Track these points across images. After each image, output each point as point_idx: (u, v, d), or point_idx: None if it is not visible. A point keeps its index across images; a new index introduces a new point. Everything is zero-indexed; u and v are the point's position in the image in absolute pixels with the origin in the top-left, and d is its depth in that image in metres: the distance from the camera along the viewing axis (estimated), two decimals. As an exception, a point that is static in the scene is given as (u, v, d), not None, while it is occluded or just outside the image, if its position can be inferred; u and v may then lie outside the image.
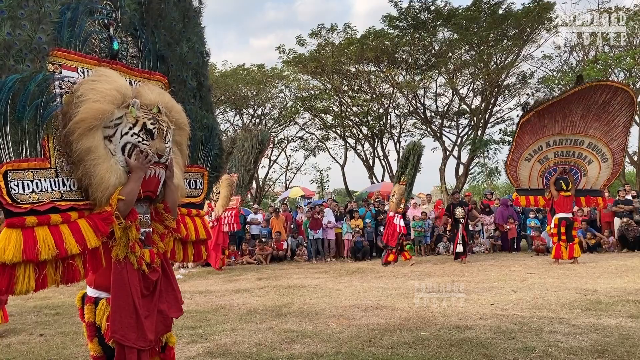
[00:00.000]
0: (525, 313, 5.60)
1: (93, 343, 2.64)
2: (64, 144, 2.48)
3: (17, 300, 8.42)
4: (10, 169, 2.23)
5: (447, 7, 21.38)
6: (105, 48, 2.74)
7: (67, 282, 2.43)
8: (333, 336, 4.86)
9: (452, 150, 25.33)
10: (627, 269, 8.96)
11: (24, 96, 2.25)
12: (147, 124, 2.59)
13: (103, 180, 2.45)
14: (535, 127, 10.58)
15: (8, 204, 2.21)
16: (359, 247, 13.14)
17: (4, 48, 2.23)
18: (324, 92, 25.03)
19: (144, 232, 2.71)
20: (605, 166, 10.40)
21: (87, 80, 2.54)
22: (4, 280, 2.20)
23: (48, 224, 2.30)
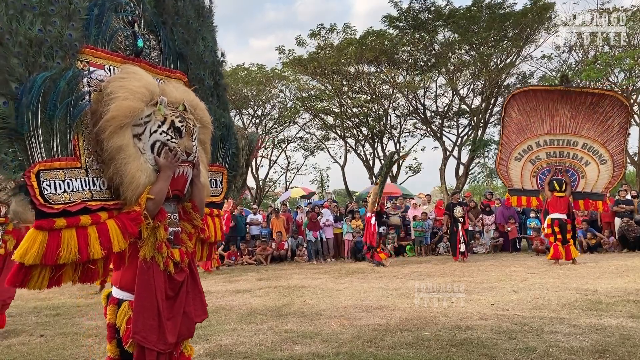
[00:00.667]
0: (526, 313, 5.60)
1: (111, 345, 2.64)
2: (94, 143, 2.45)
3: (18, 301, 8.42)
4: (42, 169, 2.21)
5: (448, 7, 21.40)
6: (129, 45, 2.72)
7: (84, 282, 2.43)
8: (334, 337, 4.86)
9: (452, 151, 25.34)
10: (627, 269, 8.96)
11: (55, 94, 2.23)
12: (175, 121, 2.58)
13: (134, 179, 2.43)
14: (521, 126, 10.62)
15: (41, 205, 2.19)
16: (359, 248, 13.12)
17: (36, 45, 2.21)
18: (324, 93, 25.02)
19: (172, 231, 2.69)
20: (605, 168, 10.33)
21: (116, 78, 2.52)
22: (19, 277, 2.20)
23: (77, 226, 2.28)
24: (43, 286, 2.27)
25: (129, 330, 2.50)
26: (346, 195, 28.65)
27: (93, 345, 4.98)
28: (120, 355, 2.62)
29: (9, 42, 2.13)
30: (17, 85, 2.15)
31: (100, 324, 6.04)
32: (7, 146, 2.14)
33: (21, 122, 2.14)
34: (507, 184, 11.07)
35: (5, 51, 2.12)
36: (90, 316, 6.59)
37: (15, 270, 2.21)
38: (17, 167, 2.15)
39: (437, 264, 11.21)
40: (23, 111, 2.14)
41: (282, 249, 13.59)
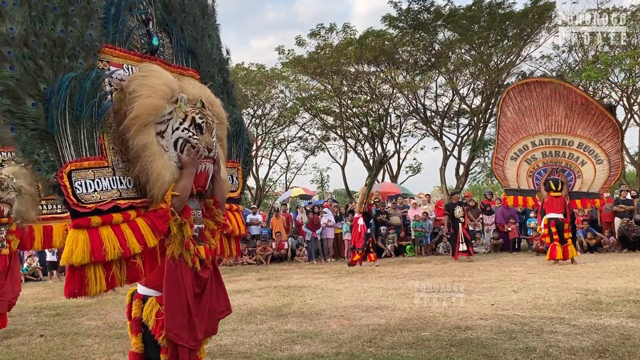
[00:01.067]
0: (526, 313, 5.60)
1: (137, 338, 2.62)
2: (118, 142, 2.47)
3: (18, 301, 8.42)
4: (73, 169, 2.22)
5: (448, 7, 21.40)
6: (145, 44, 2.74)
7: (131, 281, 2.42)
8: (333, 337, 4.86)
9: (453, 150, 25.33)
10: (627, 269, 8.96)
11: (81, 95, 2.24)
12: (195, 118, 2.60)
13: (160, 176, 2.44)
14: (516, 126, 10.65)
15: (75, 205, 2.19)
16: (359, 248, 13.11)
17: (59, 46, 2.22)
18: (324, 93, 25.02)
19: (197, 228, 2.69)
20: (601, 168, 10.32)
21: (137, 76, 2.53)
22: (76, 283, 2.19)
23: (110, 224, 2.29)
24: (102, 288, 2.26)
25: (160, 322, 2.52)
26: (346, 195, 28.65)
27: (93, 345, 4.97)
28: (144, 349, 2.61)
29: (35, 44, 2.15)
30: (45, 86, 2.16)
31: (100, 324, 6.05)
32: (39, 147, 2.15)
33: (51, 123, 2.16)
34: (503, 183, 11.08)
35: (31, 53, 2.14)
36: (90, 316, 6.59)
37: (69, 277, 2.19)
38: (50, 167, 2.17)
39: (437, 264, 11.21)
40: (52, 112, 2.16)
41: (282, 249, 13.59)
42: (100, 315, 6.62)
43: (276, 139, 28.77)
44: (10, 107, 2.09)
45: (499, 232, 14.03)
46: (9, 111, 2.09)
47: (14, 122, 2.11)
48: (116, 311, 6.79)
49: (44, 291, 9.71)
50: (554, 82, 10.61)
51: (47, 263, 12.42)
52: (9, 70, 2.09)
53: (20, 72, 2.11)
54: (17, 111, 2.10)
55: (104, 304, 7.48)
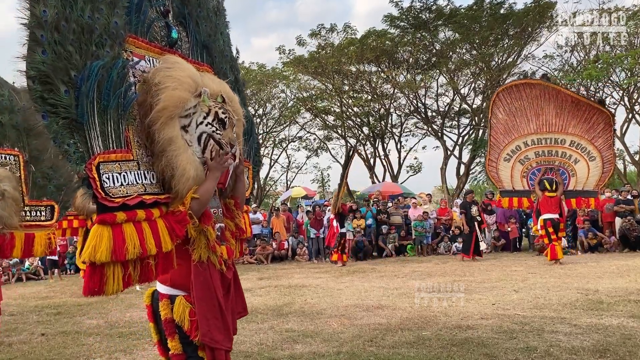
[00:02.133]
0: (527, 313, 5.59)
1: (175, 341, 2.51)
2: (143, 135, 2.41)
3: (19, 300, 8.45)
4: (102, 161, 2.16)
5: (449, 7, 21.40)
6: (164, 36, 2.69)
7: (143, 282, 2.33)
8: (334, 336, 4.86)
9: (453, 150, 25.33)
10: (628, 268, 8.95)
11: (108, 84, 2.20)
12: (218, 113, 2.54)
13: (185, 171, 2.38)
14: (508, 127, 10.68)
15: (103, 198, 2.13)
16: (360, 247, 13.13)
17: (87, 32, 2.17)
18: (325, 93, 25.01)
19: (219, 227, 2.62)
20: (594, 165, 10.30)
21: (161, 68, 2.48)
22: (96, 281, 2.12)
23: (134, 221, 2.22)
24: (119, 288, 2.19)
25: (194, 323, 2.45)
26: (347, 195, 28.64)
27: (94, 344, 4.98)
28: (183, 350, 2.51)
29: (65, 29, 2.09)
30: (75, 73, 2.11)
31: (101, 322, 6.06)
32: (69, 137, 2.10)
33: (81, 112, 2.11)
34: (497, 185, 11.08)
35: (61, 38, 2.08)
36: (91, 315, 6.60)
37: (88, 274, 2.12)
38: (79, 158, 2.11)
39: (437, 264, 11.21)
40: (83, 100, 2.11)
41: (282, 248, 13.59)
42: (101, 314, 6.63)
43: (277, 139, 28.78)
44: (42, 94, 2.04)
45: (500, 232, 14.02)
46: (41, 97, 2.04)
47: (45, 110, 2.05)
48: (117, 310, 6.81)
49: (44, 290, 9.73)
50: (543, 84, 10.65)
51: (47, 262, 12.43)
52: (41, 54, 2.04)
53: (52, 57, 2.05)
54: (50, 98, 2.05)
55: (105, 303, 7.48)
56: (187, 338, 2.47)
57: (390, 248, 13.62)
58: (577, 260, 10.66)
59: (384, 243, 13.76)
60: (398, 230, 13.90)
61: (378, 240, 13.80)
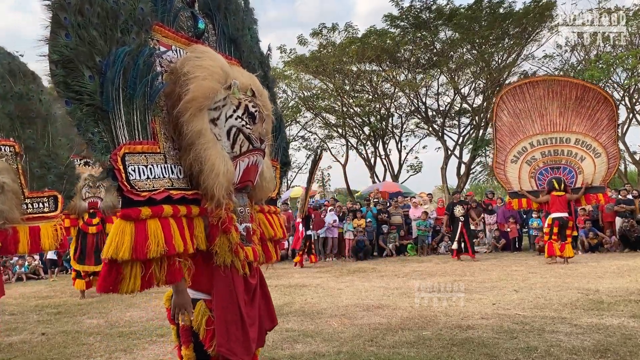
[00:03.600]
0: (527, 313, 5.59)
1: (189, 350, 2.39)
2: (170, 127, 2.31)
3: (19, 299, 8.45)
4: (127, 152, 2.06)
5: (449, 7, 21.38)
6: (190, 27, 2.61)
7: (169, 282, 2.21)
8: (334, 335, 4.86)
9: (454, 150, 25.31)
10: (629, 268, 8.95)
11: (134, 72, 2.11)
12: (249, 106, 2.42)
13: (214, 166, 2.25)
14: (513, 128, 10.76)
15: (128, 191, 2.03)
16: (360, 247, 13.13)
17: (112, 18, 2.09)
18: (326, 92, 25.01)
19: (244, 227, 2.49)
20: (600, 161, 10.32)
21: (190, 57, 2.38)
22: (111, 279, 2.02)
23: (160, 217, 2.10)
24: (136, 288, 2.08)
25: (210, 332, 2.32)
26: (347, 194, 28.64)
27: (94, 343, 4.98)
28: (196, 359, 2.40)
29: (89, 12, 2.03)
30: (100, 58, 2.04)
31: (101, 322, 6.06)
32: (93, 125, 2.01)
33: (106, 99, 2.03)
34: (506, 187, 11.10)
35: (85, 22, 2.02)
36: (92, 314, 6.60)
37: (105, 272, 2.03)
38: (104, 148, 2.03)
39: (438, 263, 11.21)
40: (108, 87, 2.03)
41: (282, 248, 13.58)
42: (102, 313, 6.63)
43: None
44: (66, 79, 1.97)
45: (500, 232, 14.02)
46: (64, 82, 1.97)
47: (68, 96, 1.98)
48: (117, 310, 6.81)
49: (45, 289, 9.73)
50: (547, 80, 10.76)
51: (47, 261, 12.43)
52: (64, 37, 1.98)
53: (76, 41, 1.99)
54: (74, 83, 1.98)
55: (105, 302, 7.49)
56: (201, 346, 2.35)
57: (390, 248, 13.62)
58: (577, 260, 10.64)
59: (384, 243, 13.76)
60: (398, 230, 13.90)
61: (378, 239, 13.79)
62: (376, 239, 13.83)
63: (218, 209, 2.32)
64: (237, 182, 2.42)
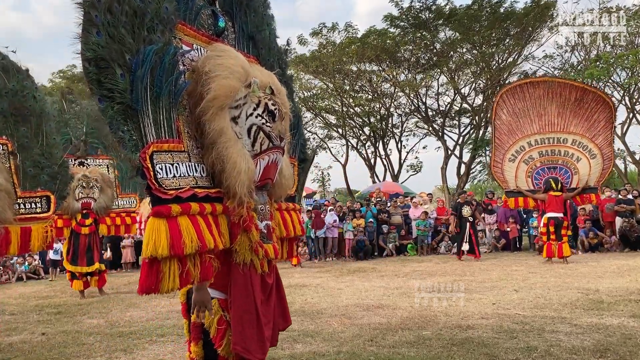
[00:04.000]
0: (527, 312, 5.59)
1: (197, 346, 2.41)
2: (192, 126, 2.33)
3: (19, 299, 8.45)
4: (155, 150, 2.08)
5: (449, 6, 21.38)
6: (211, 25, 2.62)
7: (203, 279, 2.21)
8: (335, 335, 4.86)
9: (454, 150, 25.31)
10: (629, 268, 8.94)
11: (161, 70, 2.13)
12: (268, 104, 2.45)
13: (236, 164, 2.27)
14: (511, 127, 10.84)
15: (157, 190, 2.05)
16: (360, 247, 13.13)
17: (139, 16, 2.11)
18: (326, 92, 24.99)
19: (265, 225, 2.50)
20: (595, 162, 10.46)
21: (211, 56, 2.39)
22: (153, 278, 2.02)
23: (188, 214, 2.12)
24: (175, 286, 2.08)
25: (221, 331, 2.34)
26: (347, 194, 28.64)
27: (94, 343, 4.98)
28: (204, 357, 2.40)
29: (117, 11, 2.05)
30: (130, 56, 2.06)
31: (101, 322, 6.06)
32: (123, 123, 2.04)
33: (136, 98, 2.05)
34: (503, 185, 11.15)
35: (114, 20, 2.03)
36: (92, 314, 6.60)
37: (146, 271, 2.02)
38: (134, 146, 2.05)
39: (438, 263, 11.21)
40: (137, 85, 2.05)
41: (297, 244, 13.56)
42: (102, 313, 6.64)
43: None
44: (99, 76, 2.00)
45: (500, 232, 14.02)
46: (97, 80, 2.00)
47: (101, 93, 2.01)
48: (117, 310, 6.81)
49: (45, 289, 9.73)
50: (548, 81, 10.87)
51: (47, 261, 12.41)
52: (95, 35, 2.00)
53: (106, 39, 2.01)
54: (106, 81, 2.00)
55: (105, 302, 7.50)
56: (210, 345, 2.36)
57: (390, 247, 13.62)
58: (577, 259, 10.65)
59: (384, 242, 13.75)
60: (398, 230, 13.90)
61: (378, 239, 13.79)
62: (376, 239, 13.83)
63: (240, 207, 2.33)
64: (257, 180, 2.44)
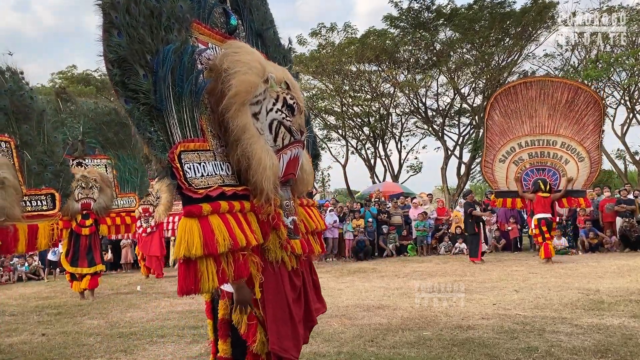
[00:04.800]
0: (528, 313, 5.59)
1: (226, 344, 2.38)
2: (215, 124, 2.33)
3: (19, 300, 8.45)
4: (183, 150, 2.08)
5: (450, 6, 21.39)
6: (223, 23, 2.61)
7: (237, 277, 2.18)
8: (335, 336, 4.85)
9: (454, 150, 25.31)
10: (629, 268, 8.94)
11: (181, 69, 2.12)
12: (287, 99, 2.44)
13: (261, 160, 2.25)
14: (503, 128, 10.97)
15: (187, 189, 2.05)
16: (361, 247, 13.13)
17: (155, 16, 2.11)
18: (325, 92, 25.00)
19: (291, 220, 2.50)
20: (583, 165, 10.57)
21: (228, 53, 2.38)
22: (191, 278, 2.00)
23: (218, 212, 2.12)
24: (215, 284, 2.06)
25: (252, 327, 2.31)
26: (347, 195, 28.64)
27: (94, 344, 4.98)
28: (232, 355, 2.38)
29: (135, 12, 2.04)
30: (150, 57, 2.06)
31: (101, 323, 6.05)
32: (150, 124, 2.04)
33: (160, 97, 2.05)
34: (493, 186, 11.23)
35: (133, 21, 2.03)
36: (92, 315, 6.60)
37: (183, 272, 2.00)
38: (162, 147, 2.05)
39: (438, 264, 11.20)
40: (160, 85, 2.05)
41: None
42: (102, 314, 6.63)
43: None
44: (122, 78, 2.00)
45: (500, 232, 14.02)
46: (122, 82, 2.00)
47: (127, 95, 2.01)
48: (117, 310, 6.80)
49: (45, 290, 9.72)
50: (541, 81, 11.00)
51: (47, 262, 12.41)
52: (117, 37, 2.00)
53: (127, 40, 2.01)
54: (130, 83, 2.00)
55: (106, 303, 7.49)
56: (239, 341, 2.34)
57: (390, 248, 13.62)
58: (577, 260, 10.65)
59: (384, 243, 13.75)
60: (398, 230, 13.90)
61: (379, 240, 13.78)
62: (377, 240, 13.82)
63: (267, 205, 2.33)
64: (281, 176, 2.43)
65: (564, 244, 12.27)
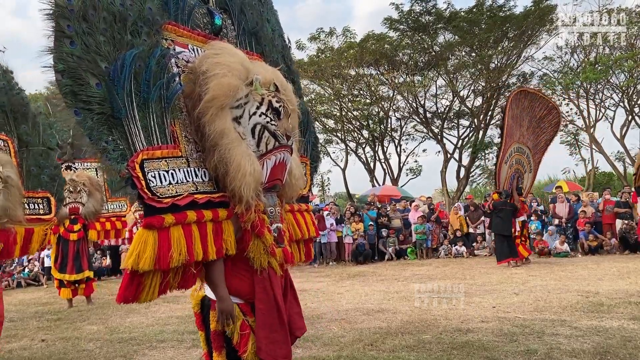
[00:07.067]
0: (527, 315, 5.59)
1: (221, 356, 2.30)
2: (191, 129, 2.25)
3: (19, 305, 8.44)
4: (145, 158, 2.01)
5: (449, 10, 21.45)
6: (207, 24, 2.54)
7: (181, 288, 2.19)
8: (334, 340, 4.85)
9: (453, 153, 25.31)
10: (629, 270, 8.94)
11: (147, 74, 2.05)
12: (272, 102, 2.34)
13: (240, 166, 2.16)
14: (511, 131, 11.33)
15: (150, 199, 1.98)
16: (360, 251, 13.12)
17: (120, 20, 2.04)
18: (324, 97, 25.04)
19: (276, 227, 2.41)
20: (527, 177, 11.60)
21: (209, 55, 2.31)
22: (132, 290, 1.99)
23: (183, 223, 2.05)
24: (154, 297, 2.06)
25: (245, 337, 2.26)
26: (347, 198, 28.64)
27: (94, 349, 4.98)
28: None
29: (94, 18, 1.98)
30: (106, 64, 1.99)
31: (101, 328, 6.05)
32: (107, 134, 1.97)
33: (117, 106, 1.98)
34: (498, 186, 11.25)
35: (90, 28, 1.96)
36: (91, 321, 6.60)
37: (126, 282, 1.99)
38: (120, 156, 1.98)
39: (438, 267, 11.20)
40: (118, 93, 1.98)
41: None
42: (102, 319, 6.63)
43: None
44: (72, 88, 1.93)
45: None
46: (72, 92, 1.93)
47: (77, 106, 1.94)
48: (117, 316, 6.80)
49: (45, 296, 9.71)
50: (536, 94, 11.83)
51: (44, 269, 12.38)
52: (68, 46, 1.93)
53: (81, 48, 1.94)
54: (81, 93, 1.93)
55: (105, 308, 7.48)
56: (234, 352, 2.28)
57: (390, 251, 13.61)
58: (577, 262, 10.64)
59: (384, 246, 13.74)
60: (398, 234, 13.90)
61: (378, 243, 13.78)
62: (376, 243, 13.81)
63: (248, 212, 2.25)
64: (265, 182, 2.34)
65: (565, 248, 12.26)
